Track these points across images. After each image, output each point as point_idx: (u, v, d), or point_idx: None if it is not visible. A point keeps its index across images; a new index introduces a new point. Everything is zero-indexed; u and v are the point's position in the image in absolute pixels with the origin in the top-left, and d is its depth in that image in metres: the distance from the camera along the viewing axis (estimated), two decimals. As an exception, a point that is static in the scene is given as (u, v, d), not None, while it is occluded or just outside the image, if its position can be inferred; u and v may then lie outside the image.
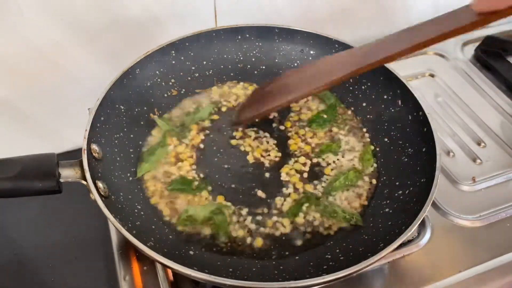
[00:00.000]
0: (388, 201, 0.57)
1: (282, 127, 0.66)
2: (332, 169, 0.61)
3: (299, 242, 0.54)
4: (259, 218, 0.56)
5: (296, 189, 0.59)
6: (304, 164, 0.62)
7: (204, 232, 0.54)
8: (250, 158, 0.62)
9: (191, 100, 0.69)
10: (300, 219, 0.55)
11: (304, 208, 0.56)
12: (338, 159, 0.63)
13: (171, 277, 0.54)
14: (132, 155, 0.60)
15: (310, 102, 0.70)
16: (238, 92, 0.71)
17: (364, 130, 0.67)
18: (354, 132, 0.66)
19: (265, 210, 0.57)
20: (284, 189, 0.59)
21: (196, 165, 0.61)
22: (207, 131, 0.65)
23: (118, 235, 0.57)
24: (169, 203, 0.57)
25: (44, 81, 0.69)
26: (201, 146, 0.63)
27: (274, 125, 0.67)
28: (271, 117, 0.68)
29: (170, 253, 0.50)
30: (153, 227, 0.54)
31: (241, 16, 0.75)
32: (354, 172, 0.60)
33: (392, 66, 0.64)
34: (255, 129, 0.66)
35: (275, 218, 0.56)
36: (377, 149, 0.64)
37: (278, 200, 0.58)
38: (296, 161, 0.62)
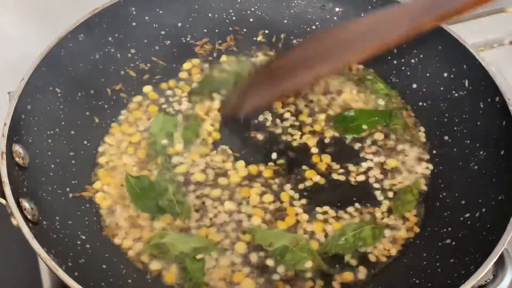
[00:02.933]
0: (449, 228, 0.57)
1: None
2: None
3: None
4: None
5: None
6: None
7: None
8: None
9: (160, 85, 0.69)
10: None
11: None
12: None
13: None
14: (73, 161, 0.60)
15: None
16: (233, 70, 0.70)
17: (414, 122, 0.67)
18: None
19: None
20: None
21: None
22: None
23: (52, 278, 0.57)
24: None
25: None
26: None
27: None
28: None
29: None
30: (104, 266, 0.54)
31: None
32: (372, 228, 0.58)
33: (456, 29, 0.63)
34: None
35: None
36: (433, 152, 0.64)
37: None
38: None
